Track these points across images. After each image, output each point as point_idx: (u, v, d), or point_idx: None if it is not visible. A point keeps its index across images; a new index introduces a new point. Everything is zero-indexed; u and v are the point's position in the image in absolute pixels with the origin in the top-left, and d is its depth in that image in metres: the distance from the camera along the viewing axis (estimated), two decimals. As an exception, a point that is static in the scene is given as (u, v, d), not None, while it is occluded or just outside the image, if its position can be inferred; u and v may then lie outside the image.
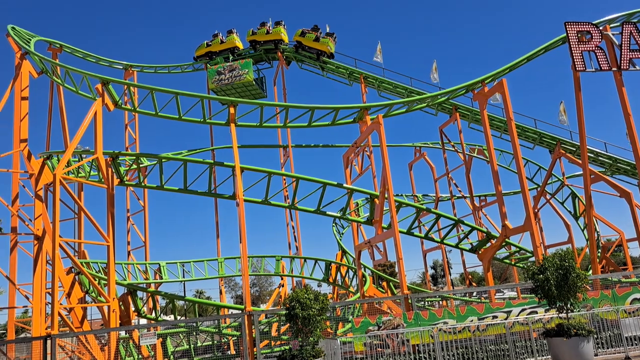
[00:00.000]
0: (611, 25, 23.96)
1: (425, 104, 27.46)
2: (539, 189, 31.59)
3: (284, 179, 30.95)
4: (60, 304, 20.80)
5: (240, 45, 37.26)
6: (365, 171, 23.76)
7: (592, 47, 22.35)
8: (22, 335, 40.26)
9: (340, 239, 33.15)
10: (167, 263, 30.82)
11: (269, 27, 36.26)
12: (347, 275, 30.88)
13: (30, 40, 27.86)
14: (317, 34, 34.87)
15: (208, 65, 36.27)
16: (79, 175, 25.00)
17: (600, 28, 22.86)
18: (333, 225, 33.85)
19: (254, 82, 34.78)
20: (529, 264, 26.50)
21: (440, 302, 36.12)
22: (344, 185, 23.37)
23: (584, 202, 24.78)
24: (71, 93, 25.45)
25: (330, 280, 31.28)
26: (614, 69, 22.59)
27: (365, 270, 27.68)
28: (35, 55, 25.68)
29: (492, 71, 24.72)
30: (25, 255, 24.38)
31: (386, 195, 20.59)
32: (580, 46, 22.31)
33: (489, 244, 24.30)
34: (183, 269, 31.24)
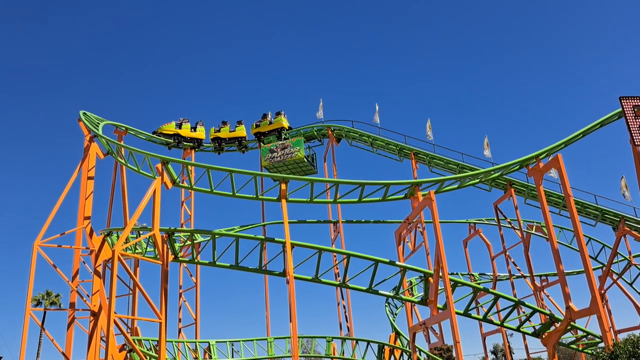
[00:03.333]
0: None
1: (478, 180, 27.04)
2: (604, 268, 29.78)
3: (335, 256, 30.64)
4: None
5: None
6: (418, 248, 23.22)
7: (651, 120, 21.77)
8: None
9: (394, 320, 31.98)
10: (216, 342, 30.49)
11: (229, 126, 39.17)
12: (401, 359, 29.47)
13: (99, 124, 29.87)
14: (268, 119, 38.39)
15: (262, 143, 37.66)
16: (136, 251, 25.68)
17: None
18: (386, 305, 32.83)
19: (304, 159, 35.56)
20: (598, 350, 24.55)
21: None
22: (397, 262, 22.75)
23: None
24: (132, 172, 26.66)
25: (383, 363, 29.90)
26: (675, 142, 21.77)
27: (420, 354, 26.38)
28: (102, 138, 27.35)
29: (546, 146, 24.28)
30: (81, 331, 24.83)
31: (441, 274, 19.93)
32: (637, 120, 21.77)
33: (552, 328, 22.79)
34: (232, 348, 30.75)
